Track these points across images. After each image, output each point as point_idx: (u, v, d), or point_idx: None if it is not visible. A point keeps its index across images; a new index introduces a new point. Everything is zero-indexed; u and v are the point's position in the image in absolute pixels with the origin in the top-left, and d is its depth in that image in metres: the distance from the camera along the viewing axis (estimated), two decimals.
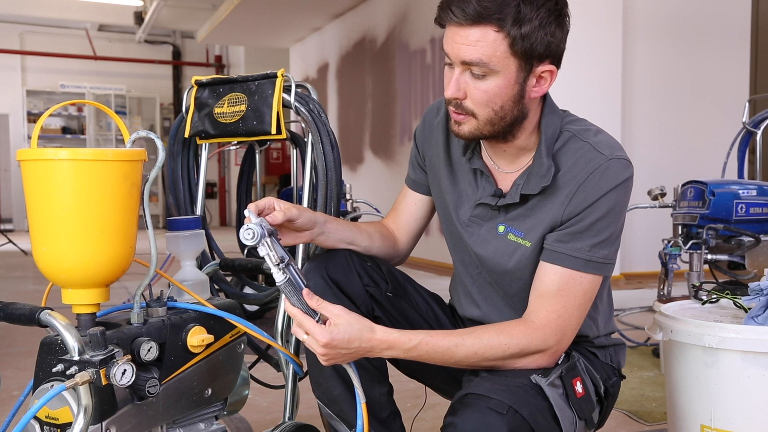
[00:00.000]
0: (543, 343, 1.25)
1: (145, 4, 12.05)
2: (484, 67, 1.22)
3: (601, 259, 1.28)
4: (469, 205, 1.40)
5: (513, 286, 1.38)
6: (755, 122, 3.61)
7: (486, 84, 1.24)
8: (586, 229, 1.27)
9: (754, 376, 1.36)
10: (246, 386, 1.56)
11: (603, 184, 1.26)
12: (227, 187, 13.88)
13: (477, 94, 1.25)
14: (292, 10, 8.85)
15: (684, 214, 2.84)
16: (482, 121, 1.27)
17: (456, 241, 1.46)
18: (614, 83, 5.50)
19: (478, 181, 1.39)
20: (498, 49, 1.20)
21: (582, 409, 1.28)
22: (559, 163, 1.30)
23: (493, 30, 1.19)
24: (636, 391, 2.66)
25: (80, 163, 1.13)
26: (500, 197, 1.35)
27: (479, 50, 1.20)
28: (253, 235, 1.15)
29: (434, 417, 2.26)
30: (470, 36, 1.20)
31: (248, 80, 1.68)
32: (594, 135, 1.31)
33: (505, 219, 1.36)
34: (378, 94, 8.06)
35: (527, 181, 1.32)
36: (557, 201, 1.29)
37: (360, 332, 1.19)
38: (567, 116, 1.37)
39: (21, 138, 12.62)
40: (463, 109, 1.27)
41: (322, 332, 1.17)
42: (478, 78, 1.24)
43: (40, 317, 1.15)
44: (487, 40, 1.20)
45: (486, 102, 1.25)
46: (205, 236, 1.56)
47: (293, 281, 1.19)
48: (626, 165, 1.29)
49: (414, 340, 1.21)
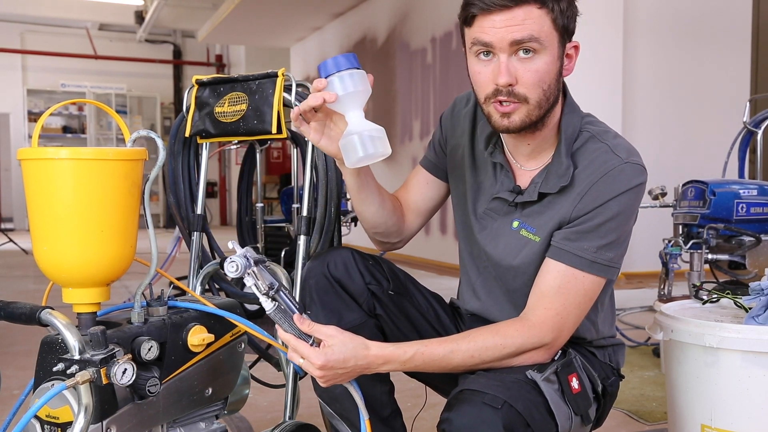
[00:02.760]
0: (539, 341, 1.26)
1: (146, 4, 12.05)
2: (536, 42, 1.22)
3: (606, 261, 1.29)
4: (486, 197, 1.41)
5: (516, 281, 1.38)
6: (756, 122, 3.61)
7: (535, 63, 1.24)
8: (594, 229, 1.27)
9: (754, 375, 1.36)
10: (246, 385, 1.56)
11: (616, 186, 1.27)
12: (228, 187, 13.89)
13: (528, 76, 1.24)
14: (293, 10, 8.85)
15: (684, 214, 2.83)
16: (533, 105, 1.26)
17: (467, 231, 1.46)
18: (615, 83, 5.50)
19: (497, 175, 1.40)
20: (544, 24, 1.23)
21: (578, 405, 1.28)
22: (576, 162, 1.31)
23: (536, 7, 1.22)
24: (636, 390, 2.66)
25: (81, 162, 1.13)
26: (518, 194, 1.36)
27: (528, 27, 1.22)
28: (237, 268, 1.14)
29: (434, 417, 2.26)
30: (516, 17, 1.21)
31: (249, 79, 1.68)
32: (613, 138, 1.33)
33: (521, 215, 1.36)
34: (378, 93, 8.06)
35: (546, 180, 1.32)
36: (569, 198, 1.30)
37: (355, 351, 1.19)
38: (587, 116, 1.38)
39: (22, 137, 12.62)
40: (514, 96, 1.25)
41: (317, 355, 1.18)
42: (527, 59, 1.24)
43: (41, 316, 1.15)
44: (533, 17, 1.22)
45: (538, 82, 1.25)
46: (367, 77, 1.26)
47: (283, 307, 1.19)
48: (641, 171, 1.29)
49: (409, 352, 1.21)
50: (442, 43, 6.74)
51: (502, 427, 1.11)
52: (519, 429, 1.14)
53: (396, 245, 1.56)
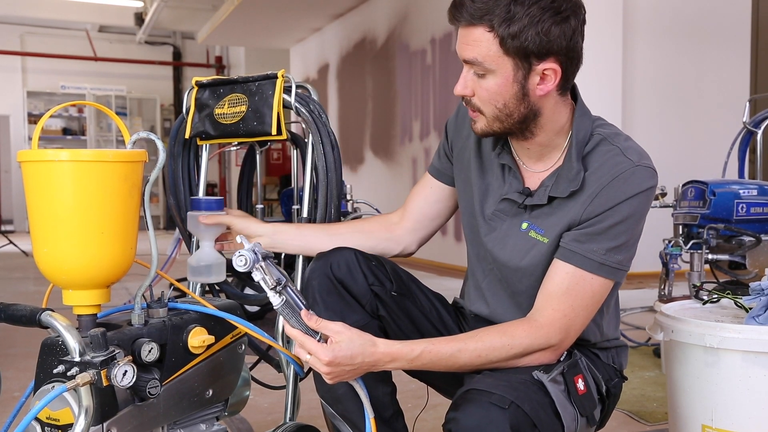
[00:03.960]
0: (546, 341, 1.26)
1: (146, 5, 12.06)
2: (480, 66, 1.26)
3: (615, 263, 1.28)
4: (494, 199, 1.41)
5: (523, 283, 1.38)
6: (756, 122, 3.61)
7: (486, 82, 1.27)
8: (604, 232, 1.27)
9: (755, 375, 1.36)
10: (247, 387, 1.56)
11: (626, 188, 1.27)
12: (228, 188, 13.88)
13: (480, 92, 1.29)
14: (293, 11, 8.85)
15: (685, 214, 2.83)
16: (490, 118, 1.31)
17: (474, 233, 1.46)
18: (614, 83, 5.49)
19: (505, 176, 1.40)
20: (491, 48, 1.23)
21: (584, 406, 1.29)
22: (587, 164, 1.31)
23: (486, 30, 1.23)
24: (637, 391, 2.66)
25: (81, 164, 1.13)
26: (527, 196, 1.36)
27: (474, 50, 1.25)
28: (246, 261, 1.14)
29: (436, 417, 2.26)
30: (468, 36, 1.25)
31: (249, 81, 1.68)
32: (624, 140, 1.33)
33: (529, 217, 1.36)
34: (378, 94, 8.06)
35: (556, 183, 1.32)
36: (579, 200, 1.30)
37: (362, 347, 1.19)
38: (598, 120, 1.38)
39: (22, 139, 12.63)
40: (472, 106, 1.32)
41: (324, 351, 1.18)
42: (480, 77, 1.28)
43: (41, 318, 1.15)
44: (481, 40, 1.23)
45: (488, 100, 1.29)
46: None
47: (291, 303, 1.19)
48: (652, 174, 1.30)
49: (417, 350, 1.22)
50: (441, 44, 6.74)
51: (509, 428, 1.11)
52: (526, 429, 1.14)
53: (402, 254, 1.58)
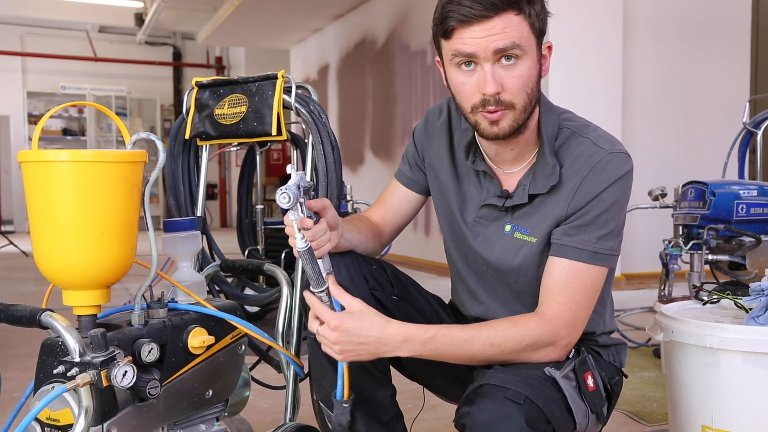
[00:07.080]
0: (555, 336, 1.27)
1: (146, 6, 12.06)
2: (518, 49, 1.23)
3: (607, 250, 1.30)
4: (474, 206, 1.42)
5: (519, 283, 1.39)
6: (756, 122, 3.61)
7: (519, 69, 1.25)
8: (592, 222, 1.29)
9: (755, 376, 1.36)
10: (247, 387, 1.56)
11: (605, 177, 1.29)
12: (228, 189, 13.89)
13: (513, 82, 1.25)
14: (293, 12, 8.86)
15: (685, 215, 2.84)
16: (519, 110, 1.27)
17: (459, 241, 1.46)
18: (615, 83, 5.49)
19: (482, 183, 1.41)
20: (523, 30, 1.24)
21: (594, 403, 1.30)
22: (562, 160, 1.32)
23: (514, 14, 1.22)
24: (637, 391, 2.66)
25: (81, 164, 1.13)
26: (507, 198, 1.37)
27: (510, 35, 1.22)
28: (289, 199, 1.15)
29: (434, 418, 2.26)
30: (496, 26, 1.22)
31: (249, 81, 1.68)
32: (593, 130, 1.35)
33: (511, 219, 1.37)
34: (378, 95, 8.06)
35: (534, 181, 1.33)
36: (561, 197, 1.31)
37: (372, 320, 1.21)
38: (564, 113, 1.40)
39: (22, 139, 12.63)
40: (501, 104, 1.26)
41: (333, 317, 1.20)
42: (510, 66, 1.24)
43: (41, 319, 1.15)
44: (513, 24, 1.22)
45: (522, 87, 1.26)
46: (201, 238, 1.57)
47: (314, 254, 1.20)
48: (626, 158, 1.32)
49: (430, 332, 1.22)
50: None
51: (524, 423, 1.11)
52: (540, 425, 1.14)
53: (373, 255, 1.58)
